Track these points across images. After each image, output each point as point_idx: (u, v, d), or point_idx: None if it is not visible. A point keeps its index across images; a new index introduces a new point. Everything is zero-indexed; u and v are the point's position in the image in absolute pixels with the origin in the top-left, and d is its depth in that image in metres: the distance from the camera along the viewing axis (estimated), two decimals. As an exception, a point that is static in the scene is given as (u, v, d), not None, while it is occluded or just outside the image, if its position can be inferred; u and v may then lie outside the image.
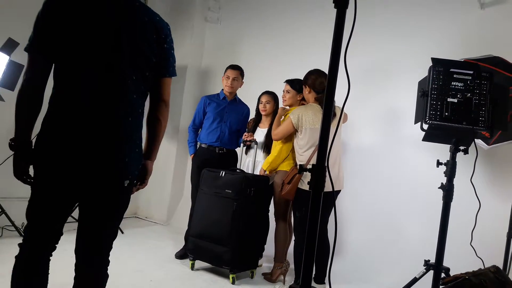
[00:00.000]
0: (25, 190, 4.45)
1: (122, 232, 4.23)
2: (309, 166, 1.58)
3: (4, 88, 3.31)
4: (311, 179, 1.51)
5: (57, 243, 1.58)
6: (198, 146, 3.81)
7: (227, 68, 3.77)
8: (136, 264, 3.27)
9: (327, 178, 1.47)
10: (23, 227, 3.58)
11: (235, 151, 3.83)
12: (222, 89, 3.79)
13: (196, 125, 3.83)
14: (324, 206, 1.53)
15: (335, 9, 1.36)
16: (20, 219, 3.62)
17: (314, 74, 3.10)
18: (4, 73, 3.24)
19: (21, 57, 3.42)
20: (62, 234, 1.58)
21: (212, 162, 3.58)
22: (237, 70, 3.75)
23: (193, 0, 5.17)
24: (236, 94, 3.84)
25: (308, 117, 2.97)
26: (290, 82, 3.40)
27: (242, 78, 3.80)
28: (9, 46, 3.24)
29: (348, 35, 1.37)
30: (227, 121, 3.71)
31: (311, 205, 1.50)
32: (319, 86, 3.05)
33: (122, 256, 3.36)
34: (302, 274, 1.52)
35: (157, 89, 1.68)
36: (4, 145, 3.74)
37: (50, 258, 1.57)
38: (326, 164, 1.48)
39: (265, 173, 3.35)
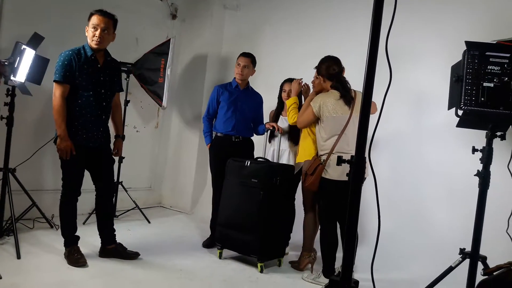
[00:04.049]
0: (55, 183, 4.49)
1: (149, 222, 4.29)
2: (343, 157, 1.56)
3: (31, 82, 3.34)
4: (350, 170, 1.49)
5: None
6: (214, 135, 3.82)
7: (239, 56, 3.75)
8: (164, 254, 3.31)
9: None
10: (52, 218, 3.66)
11: (251, 139, 3.82)
12: (234, 78, 3.76)
13: (210, 115, 3.82)
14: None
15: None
16: (51, 211, 3.70)
17: (326, 62, 3.03)
18: (30, 68, 3.24)
19: (46, 51, 3.45)
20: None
21: (228, 151, 3.59)
22: (248, 57, 3.71)
23: (211, -13, 5.11)
24: (248, 82, 3.81)
25: (329, 106, 2.92)
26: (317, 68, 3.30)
27: (254, 66, 3.75)
28: (35, 41, 3.25)
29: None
30: (242, 110, 3.70)
31: (351, 197, 1.48)
32: (333, 73, 3.00)
33: (149, 246, 3.40)
34: (342, 265, 1.51)
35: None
36: (33, 138, 3.82)
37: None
38: (367, 155, 1.45)
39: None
